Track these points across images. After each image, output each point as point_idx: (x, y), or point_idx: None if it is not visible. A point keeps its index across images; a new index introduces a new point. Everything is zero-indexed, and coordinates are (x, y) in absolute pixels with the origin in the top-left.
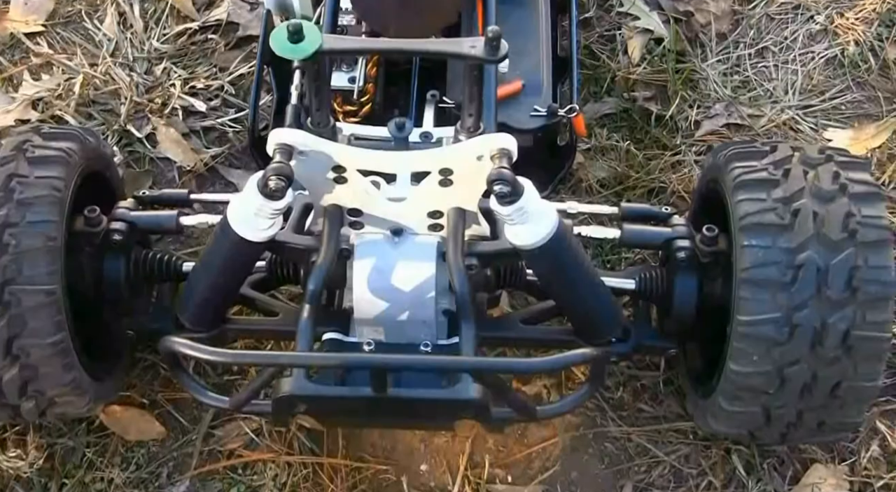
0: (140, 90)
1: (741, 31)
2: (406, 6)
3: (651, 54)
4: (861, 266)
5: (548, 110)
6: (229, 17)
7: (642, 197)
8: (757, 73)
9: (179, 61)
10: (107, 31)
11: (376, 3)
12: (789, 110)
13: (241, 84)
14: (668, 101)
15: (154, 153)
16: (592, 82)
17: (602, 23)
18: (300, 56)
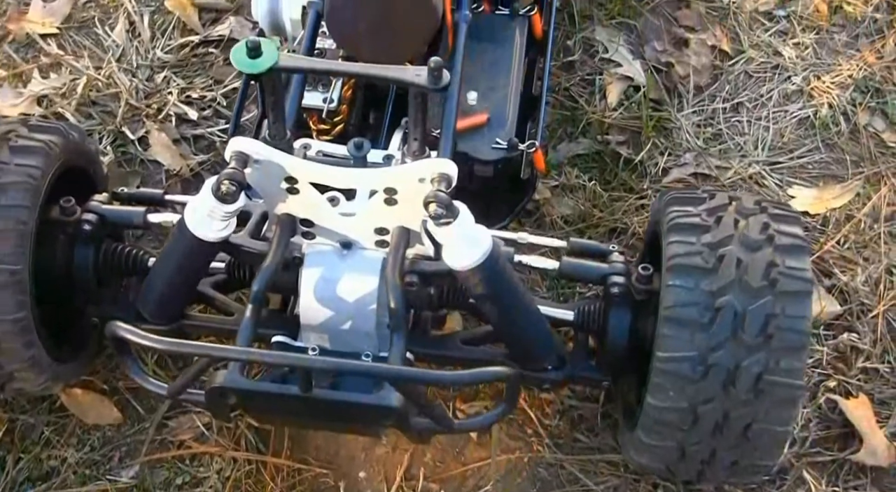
0: (139, 95)
1: (719, 86)
2: (376, 33)
3: (628, 100)
4: (778, 314)
5: (509, 144)
6: (231, 33)
7: (603, 235)
8: (730, 127)
9: (179, 71)
10: (116, 38)
11: (350, 29)
12: (756, 165)
13: (233, 97)
14: (640, 146)
15: (145, 155)
16: (569, 123)
17: (584, 67)
18: (255, 71)
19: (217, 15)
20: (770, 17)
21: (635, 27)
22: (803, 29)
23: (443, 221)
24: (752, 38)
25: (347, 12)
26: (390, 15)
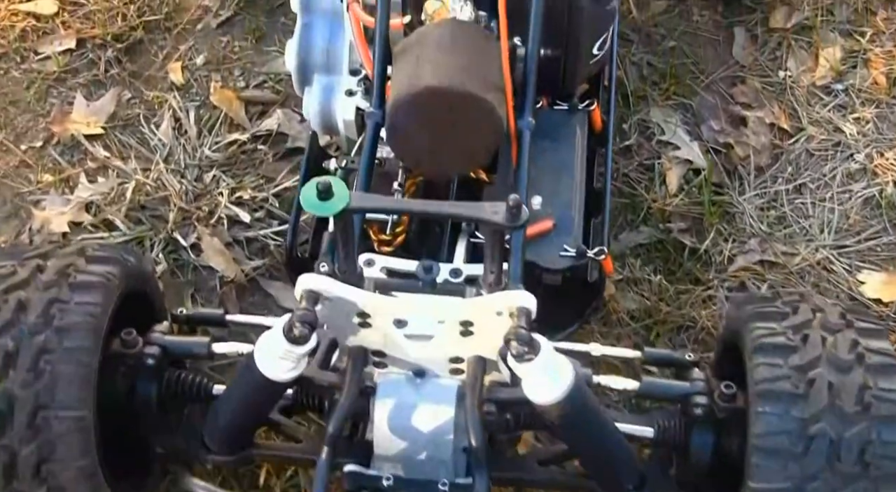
0: (189, 197)
1: (780, 166)
2: (440, 148)
3: (689, 185)
4: (874, 441)
5: (577, 251)
6: (279, 127)
7: (671, 331)
8: (794, 210)
9: (228, 170)
10: (162, 137)
11: (411, 143)
12: (824, 249)
13: (285, 196)
14: (703, 233)
15: (198, 261)
16: (629, 210)
17: (642, 151)
18: (328, 213)
19: (264, 108)
20: (828, 92)
21: (691, 106)
22: (862, 102)
23: (524, 358)
24: (811, 115)
25: (409, 127)
26: (454, 129)
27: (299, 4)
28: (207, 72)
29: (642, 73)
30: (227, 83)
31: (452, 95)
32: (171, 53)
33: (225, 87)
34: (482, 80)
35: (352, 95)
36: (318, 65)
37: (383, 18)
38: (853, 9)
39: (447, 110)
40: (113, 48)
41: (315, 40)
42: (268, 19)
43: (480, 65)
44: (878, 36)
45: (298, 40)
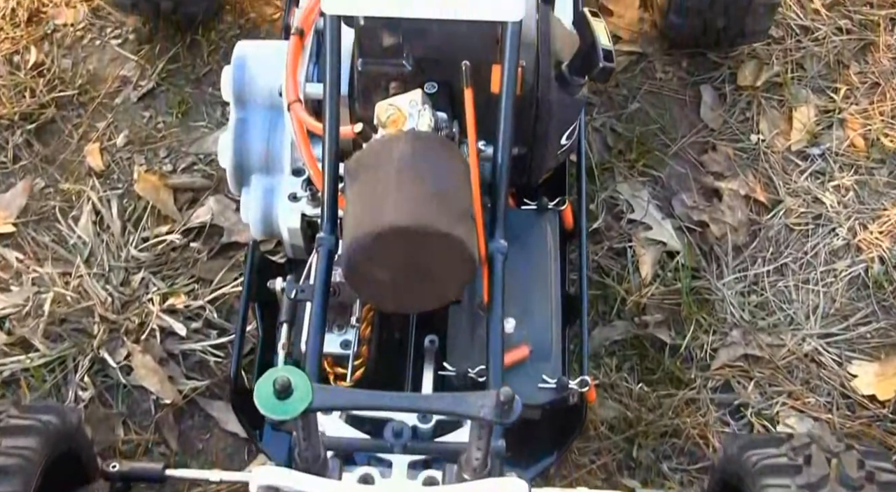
0: (115, 306)
1: (759, 245)
2: (405, 285)
3: (664, 269)
4: None
5: (558, 383)
6: (213, 218)
7: (655, 441)
8: (776, 294)
9: (158, 271)
10: (81, 233)
11: (372, 279)
12: (811, 340)
13: (225, 299)
14: (681, 324)
15: (129, 381)
16: (601, 302)
17: (611, 233)
18: (288, 416)
19: (195, 195)
20: (804, 157)
21: (660, 178)
22: (841, 167)
23: None
24: (788, 184)
25: (370, 267)
26: (421, 268)
27: (232, 97)
28: (129, 153)
29: (606, 142)
30: (152, 166)
31: (419, 234)
32: (87, 133)
33: (150, 172)
34: (450, 211)
35: (296, 201)
36: (256, 166)
37: (332, 131)
38: (824, 62)
39: (413, 250)
40: (22, 130)
41: (252, 139)
42: (193, 89)
43: (447, 190)
44: (853, 92)
45: (233, 138)
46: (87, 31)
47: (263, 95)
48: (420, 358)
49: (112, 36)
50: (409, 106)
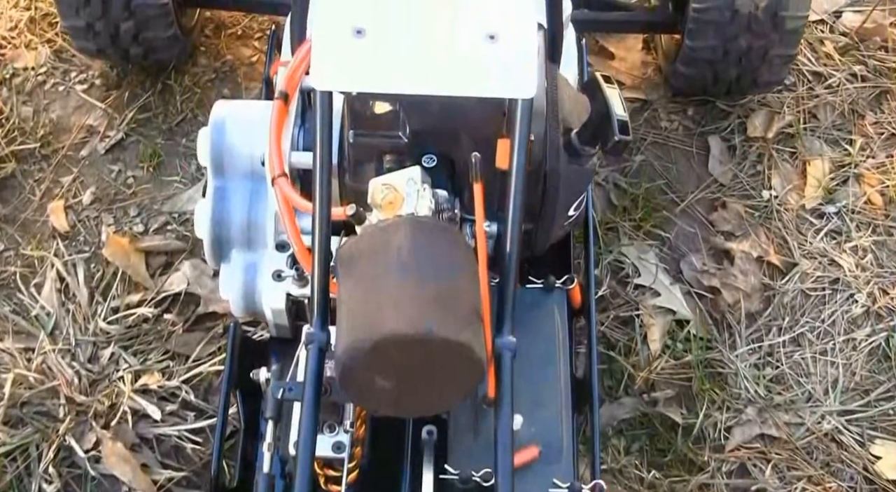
0: (83, 386)
1: (773, 312)
2: (405, 394)
3: (673, 340)
4: None
5: (570, 489)
6: (188, 286)
7: None
8: (793, 366)
9: (129, 346)
10: (45, 303)
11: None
12: (831, 417)
13: (203, 376)
14: (692, 399)
15: (98, 470)
16: (607, 376)
17: (617, 300)
18: None
19: (168, 258)
20: (819, 215)
21: (668, 239)
22: (858, 226)
23: None
24: (803, 245)
25: (368, 375)
26: (424, 375)
27: (210, 164)
28: (97, 212)
29: (610, 199)
30: (121, 227)
31: (423, 342)
32: (50, 189)
33: (119, 234)
34: (456, 313)
35: (280, 279)
36: (236, 239)
37: (323, 217)
38: (838, 112)
39: (416, 357)
40: None
41: (231, 209)
42: (166, 141)
43: (451, 287)
44: (869, 144)
45: (211, 209)
46: (50, 75)
47: (244, 162)
48: (418, 453)
49: (77, 81)
50: (407, 186)
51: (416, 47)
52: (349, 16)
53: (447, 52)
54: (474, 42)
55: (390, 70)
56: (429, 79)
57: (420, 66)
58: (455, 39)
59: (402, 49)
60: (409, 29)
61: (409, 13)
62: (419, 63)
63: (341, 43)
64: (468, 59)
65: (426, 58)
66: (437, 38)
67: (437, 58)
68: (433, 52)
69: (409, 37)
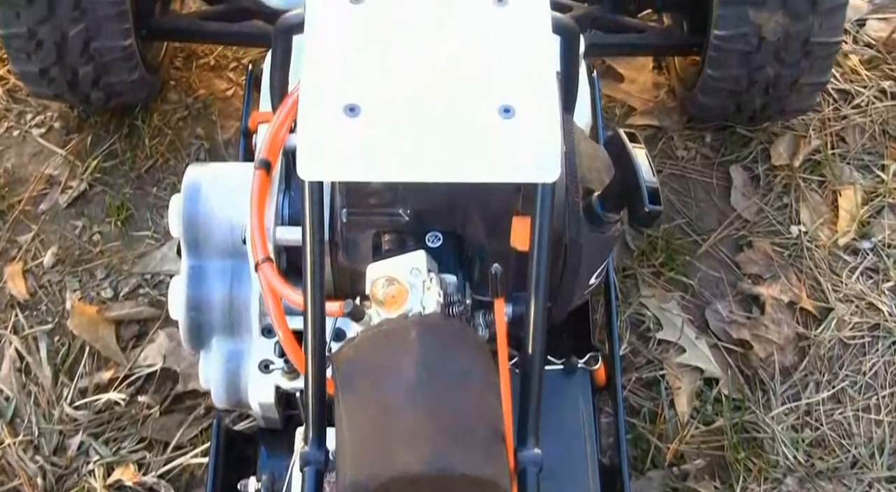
0: (48, 482)
1: (809, 365)
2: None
3: (703, 402)
4: None
5: None
6: (165, 360)
7: None
8: (834, 427)
9: (100, 432)
10: (3, 387)
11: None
12: (879, 485)
13: (183, 467)
14: (726, 469)
15: None
16: (632, 445)
17: (639, 358)
18: None
19: (141, 328)
20: (853, 251)
21: (690, 285)
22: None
23: None
24: (838, 287)
25: None
26: None
27: (184, 239)
28: (60, 276)
29: (626, 242)
30: (87, 293)
31: (440, 480)
32: (7, 250)
33: (85, 301)
34: (476, 441)
35: (268, 371)
36: (216, 325)
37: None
38: (868, 134)
39: None
40: None
41: (210, 292)
42: (134, 190)
43: (469, 408)
44: None
45: (187, 291)
46: (3, 118)
47: (222, 235)
48: None
49: (33, 124)
50: (412, 276)
51: (418, 127)
52: (339, 90)
53: (455, 131)
54: (486, 117)
55: (390, 155)
56: (435, 164)
57: (424, 150)
58: (464, 115)
59: (403, 129)
60: (410, 104)
61: (410, 85)
62: (423, 146)
63: (331, 123)
64: (480, 139)
65: (431, 139)
66: (443, 114)
67: (443, 139)
68: (439, 131)
69: (410, 114)
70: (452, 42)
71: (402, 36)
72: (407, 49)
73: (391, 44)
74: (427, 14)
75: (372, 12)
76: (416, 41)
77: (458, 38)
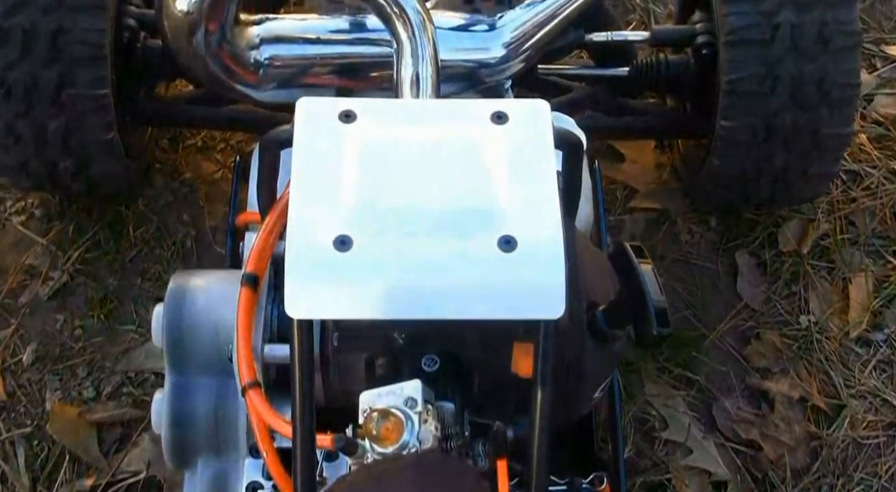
0: None
1: (822, 467)
2: None
3: None
4: None
5: None
6: (149, 467)
7: None
8: None
9: None
10: None
11: None
12: None
13: None
14: None
15: None
16: None
17: (644, 461)
18: None
19: (124, 431)
20: (865, 343)
21: (697, 381)
22: None
23: None
24: (850, 381)
25: None
26: None
27: (167, 353)
28: (40, 374)
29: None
30: (68, 392)
31: None
32: None
33: (66, 402)
34: None
35: None
36: (201, 444)
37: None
38: (879, 217)
39: None
40: None
41: (195, 409)
42: (118, 281)
43: None
44: None
45: (170, 408)
46: None
47: (208, 349)
48: None
49: (13, 211)
50: (407, 407)
51: (413, 261)
52: (329, 221)
53: (453, 266)
54: (486, 250)
55: (383, 293)
56: (431, 302)
57: (420, 286)
58: (462, 248)
59: (397, 264)
60: (404, 237)
61: (403, 216)
62: (419, 282)
63: (321, 258)
64: (479, 274)
65: (427, 275)
66: (440, 247)
67: (440, 274)
68: (435, 266)
69: (405, 247)
70: (450, 167)
71: (395, 159)
72: (401, 174)
73: (384, 168)
74: (422, 134)
75: (364, 133)
76: (411, 166)
77: (455, 163)
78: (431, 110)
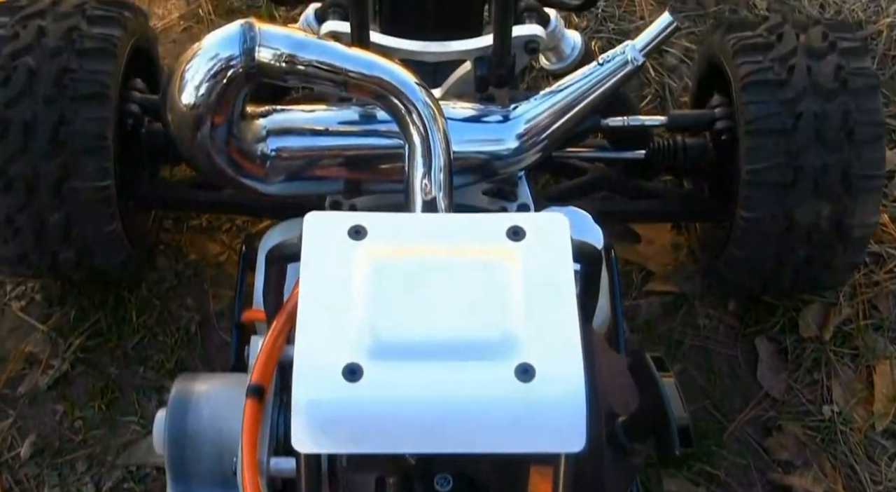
0: None
1: None
2: None
3: None
4: None
5: None
6: None
7: None
8: None
9: None
10: None
11: None
12: None
13: None
14: None
15: None
16: None
17: None
18: None
19: None
20: (891, 435)
21: (717, 476)
22: None
23: None
24: (876, 476)
25: None
26: None
27: (168, 462)
28: (38, 469)
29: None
30: (67, 488)
31: None
32: None
33: None
34: None
35: None
36: None
37: None
38: None
39: None
40: None
41: None
42: (120, 370)
43: None
44: None
45: None
46: None
47: (212, 460)
48: None
49: (13, 296)
50: None
51: (426, 393)
52: (338, 348)
53: (468, 397)
54: (503, 380)
55: (394, 427)
56: (446, 436)
57: (434, 419)
58: (478, 376)
59: (409, 396)
60: (417, 366)
61: (416, 343)
62: (432, 415)
63: (329, 389)
64: (495, 406)
65: (441, 406)
66: (454, 376)
67: (455, 406)
68: (449, 397)
69: (418, 377)
70: (465, 289)
71: (408, 281)
72: (413, 297)
73: (395, 290)
74: (436, 253)
75: (375, 252)
76: (423, 288)
77: (471, 285)
78: (445, 226)
